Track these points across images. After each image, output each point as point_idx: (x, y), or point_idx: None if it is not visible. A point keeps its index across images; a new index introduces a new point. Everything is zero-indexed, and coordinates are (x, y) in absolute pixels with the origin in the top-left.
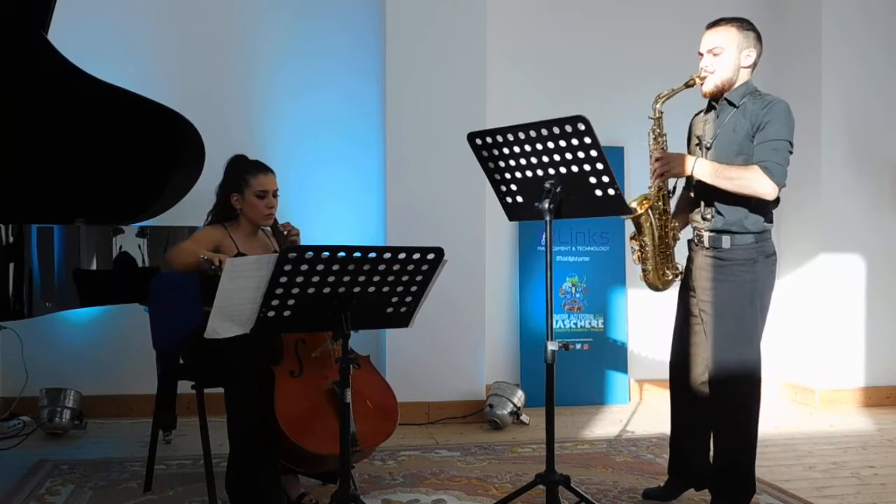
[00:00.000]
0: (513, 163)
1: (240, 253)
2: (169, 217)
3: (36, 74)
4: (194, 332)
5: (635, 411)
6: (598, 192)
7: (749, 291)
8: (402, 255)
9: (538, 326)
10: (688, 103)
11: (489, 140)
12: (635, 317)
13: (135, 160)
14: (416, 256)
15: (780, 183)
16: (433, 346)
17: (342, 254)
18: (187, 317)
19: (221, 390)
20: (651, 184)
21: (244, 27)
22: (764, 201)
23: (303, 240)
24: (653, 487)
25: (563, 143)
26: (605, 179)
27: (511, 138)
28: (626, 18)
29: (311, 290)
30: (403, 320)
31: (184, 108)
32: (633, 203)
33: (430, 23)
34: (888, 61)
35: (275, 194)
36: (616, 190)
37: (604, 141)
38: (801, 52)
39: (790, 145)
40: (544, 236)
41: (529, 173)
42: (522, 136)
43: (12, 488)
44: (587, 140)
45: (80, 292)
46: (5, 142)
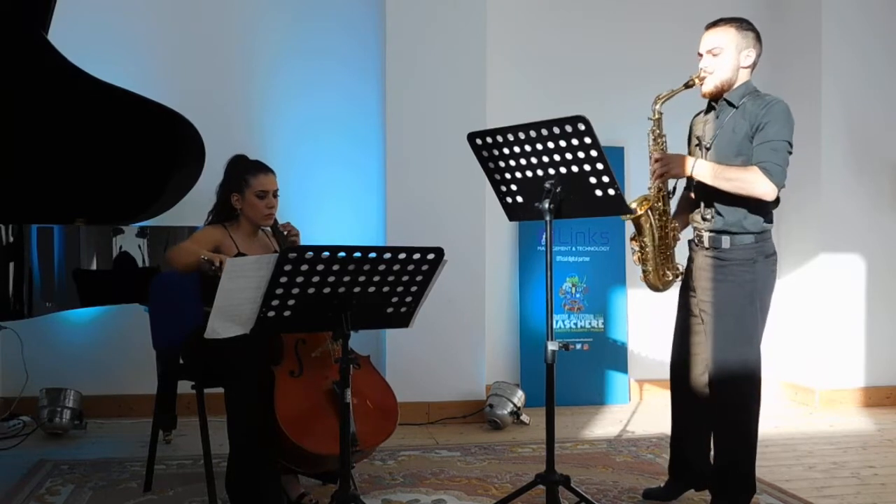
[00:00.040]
0: (513, 163)
1: (240, 253)
2: (169, 217)
3: (36, 74)
4: (194, 332)
5: (635, 411)
6: (599, 192)
7: (749, 291)
8: (402, 256)
9: (538, 326)
10: (688, 104)
11: (489, 140)
12: (635, 317)
13: (135, 160)
14: (416, 256)
15: (779, 184)
16: (433, 346)
17: (342, 254)
18: (187, 317)
19: (221, 390)
20: (651, 185)
21: (244, 27)
22: (763, 202)
23: (303, 240)
24: (653, 487)
25: (563, 143)
26: (606, 179)
27: (511, 138)
28: (626, 18)
29: (311, 290)
30: (403, 320)
31: (184, 108)
32: (632, 204)
33: (430, 23)
34: (888, 61)
35: (275, 194)
36: (616, 190)
37: (604, 141)
38: (801, 52)
39: (789, 146)
40: (544, 236)
41: (529, 173)
42: (522, 136)
43: (12, 488)
44: (587, 140)
45: (80, 292)
46: (5, 142)
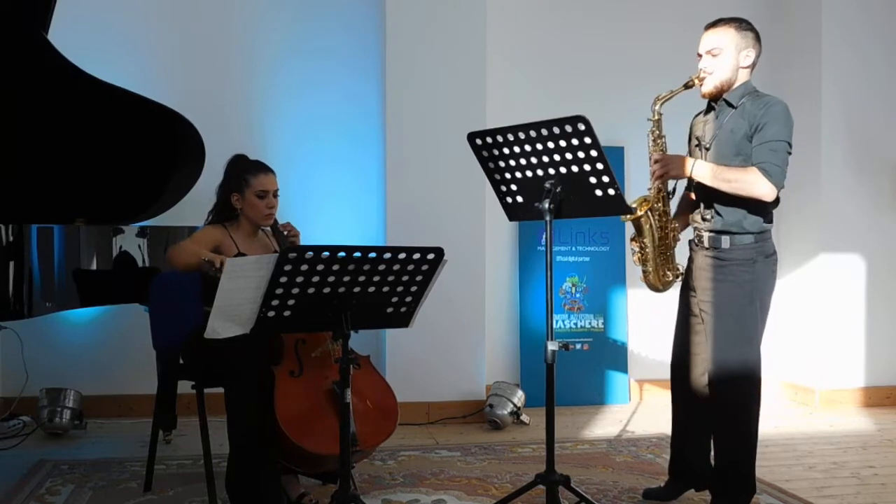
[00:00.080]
0: (513, 163)
1: (240, 253)
2: (169, 217)
3: (36, 74)
4: (194, 332)
5: (635, 411)
6: (599, 192)
7: (749, 291)
8: (402, 255)
9: (538, 326)
10: (689, 104)
11: (489, 140)
12: (635, 317)
13: (135, 160)
14: (416, 256)
15: (778, 184)
16: (433, 346)
17: (342, 254)
18: (187, 317)
19: (221, 390)
20: (651, 185)
21: (244, 27)
22: (763, 202)
23: (303, 240)
24: (653, 487)
25: (563, 143)
26: (606, 179)
27: (511, 138)
28: (626, 18)
29: (311, 290)
30: (403, 320)
31: (184, 108)
32: (632, 204)
33: (430, 23)
34: (888, 61)
35: (275, 194)
36: (616, 190)
37: (604, 141)
38: (801, 52)
39: (789, 146)
40: (544, 236)
41: (529, 173)
42: (522, 136)
43: (12, 488)
44: (587, 140)
45: (80, 292)
46: (5, 142)
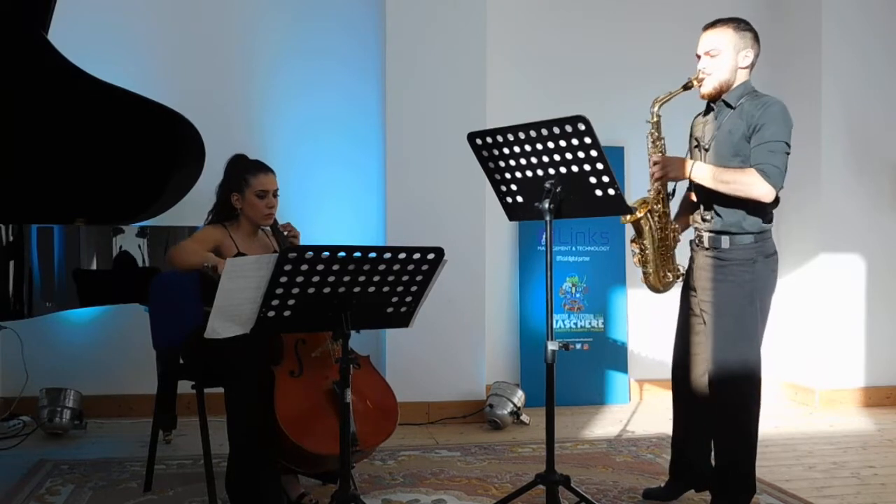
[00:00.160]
0: (513, 163)
1: (240, 253)
2: (169, 217)
3: (36, 74)
4: (194, 332)
5: (635, 411)
6: (599, 192)
7: (749, 291)
8: (402, 255)
9: (538, 326)
10: (690, 105)
11: (489, 140)
12: (635, 317)
13: (135, 160)
14: (416, 256)
15: (776, 185)
16: (433, 346)
17: (342, 254)
18: (187, 317)
19: (221, 390)
20: (651, 187)
21: (244, 27)
22: (762, 203)
23: (303, 240)
24: (653, 487)
25: (563, 143)
26: (606, 179)
27: (511, 138)
28: (626, 18)
29: (311, 290)
30: (403, 320)
31: (184, 108)
32: (632, 205)
33: (430, 23)
34: (888, 61)
35: (275, 194)
36: (616, 190)
37: (604, 141)
38: (801, 52)
39: (787, 146)
40: (544, 236)
41: (529, 173)
42: (522, 136)
43: (12, 488)
44: (587, 140)
45: (80, 292)
46: (5, 142)
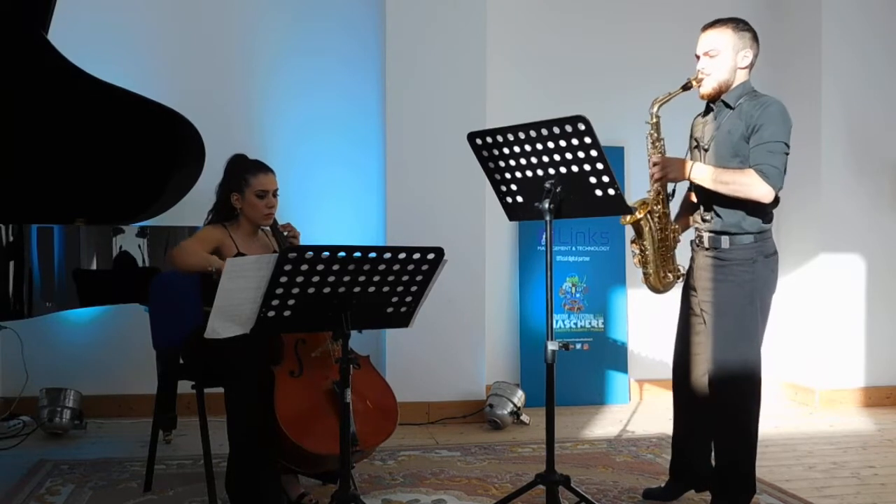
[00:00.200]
0: (513, 163)
1: (240, 253)
2: (169, 217)
3: (36, 74)
4: (194, 332)
5: (635, 411)
6: (599, 192)
7: (749, 291)
8: (402, 255)
9: (538, 326)
10: (689, 105)
11: (489, 140)
12: (635, 317)
13: (135, 160)
14: (416, 256)
15: (775, 186)
16: (433, 346)
17: (342, 254)
18: (187, 317)
19: (221, 390)
20: (650, 188)
21: (244, 27)
22: (761, 203)
23: (303, 240)
24: (653, 487)
25: (563, 143)
26: (606, 179)
27: (511, 138)
28: (626, 18)
29: (311, 290)
30: (403, 320)
31: (184, 108)
32: (632, 206)
33: (430, 23)
34: (888, 61)
35: (275, 194)
36: (616, 190)
37: (604, 141)
38: (801, 52)
39: (786, 147)
40: (544, 236)
41: (529, 173)
42: (522, 135)
43: (12, 488)
44: (587, 140)
45: (80, 292)
46: (5, 142)
